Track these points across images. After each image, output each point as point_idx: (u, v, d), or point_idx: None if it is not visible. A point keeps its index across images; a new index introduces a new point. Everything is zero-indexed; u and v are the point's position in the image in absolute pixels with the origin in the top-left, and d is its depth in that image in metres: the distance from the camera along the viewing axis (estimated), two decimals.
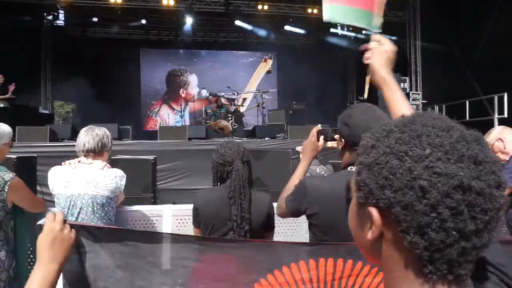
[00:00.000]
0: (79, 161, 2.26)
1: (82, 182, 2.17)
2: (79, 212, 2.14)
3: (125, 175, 2.30)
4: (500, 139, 2.66)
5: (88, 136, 2.25)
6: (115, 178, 2.23)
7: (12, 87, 7.62)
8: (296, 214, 1.58)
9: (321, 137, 1.69)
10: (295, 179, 1.66)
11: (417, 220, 0.49)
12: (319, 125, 1.72)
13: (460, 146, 0.51)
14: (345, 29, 13.60)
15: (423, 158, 0.50)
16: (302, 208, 1.52)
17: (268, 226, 2.01)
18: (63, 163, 2.28)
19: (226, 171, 1.96)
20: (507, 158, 2.67)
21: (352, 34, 13.66)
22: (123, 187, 2.29)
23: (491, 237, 0.51)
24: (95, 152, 2.25)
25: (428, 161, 0.50)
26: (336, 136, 1.60)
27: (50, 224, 1.05)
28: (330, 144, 1.66)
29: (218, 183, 2.02)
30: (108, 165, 2.29)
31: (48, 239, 1.03)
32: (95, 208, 2.15)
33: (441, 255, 0.50)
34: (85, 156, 2.25)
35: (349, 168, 1.53)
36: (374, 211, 0.54)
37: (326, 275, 1.25)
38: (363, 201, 0.56)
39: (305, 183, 1.54)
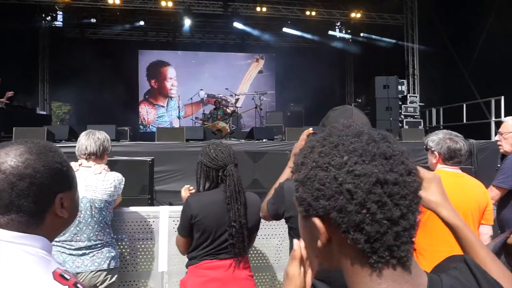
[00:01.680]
0: (79, 164, 2.27)
1: (81, 186, 2.18)
2: (77, 216, 2.15)
3: (123, 179, 2.32)
4: None
5: (89, 139, 2.27)
6: (114, 182, 2.24)
7: (10, 94, 7.60)
8: (276, 217, 1.56)
9: None
10: (280, 182, 1.62)
11: (352, 219, 0.56)
12: (311, 128, 1.67)
13: (371, 147, 0.59)
14: (343, 31, 13.65)
15: (343, 165, 0.57)
16: (280, 212, 1.50)
17: (258, 227, 2.02)
18: None
19: (219, 175, 1.89)
20: (508, 153, 2.66)
21: (350, 36, 13.71)
22: (121, 190, 2.31)
23: (415, 217, 0.59)
24: (96, 155, 2.28)
25: (347, 166, 0.57)
26: None
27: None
28: None
29: (206, 188, 1.93)
30: (107, 168, 2.29)
31: None
32: (93, 212, 2.17)
33: (381, 244, 0.56)
34: (86, 159, 2.27)
35: None
36: (317, 221, 0.59)
37: None
38: (306, 214, 0.62)
39: (283, 186, 1.52)
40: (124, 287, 2.63)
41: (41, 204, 0.85)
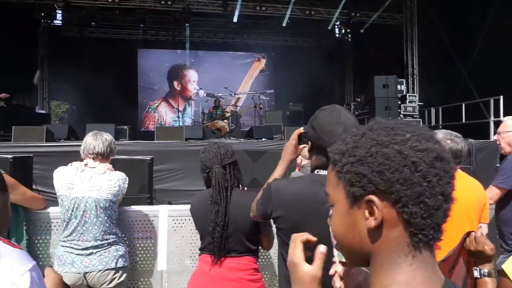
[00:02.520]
0: (85, 164, 2.29)
1: (86, 185, 2.20)
2: (82, 215, 2.17)
3: (127, 178, 2.34)
4: None
5: (97, 140, 2.31)
6: (118, 181, 2.26)
7: (5, 96, 7.60)
8: (264, 217, 1.55)
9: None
10: (269, 182, 1.60)
11: (414, 190, 0.60)
12: (301, 128, 1.64)
13: (424, 130, 0.65)
14: (343, 30, 13.66)
15: (405, 141, 0.62)
16: (268, 211, 1.49)
17: (262, 227, 1.94)
18: (69, 164, 2.30)
19: (208, 176, 1.97)
20: (507, 152, 2.67)
21: (350, 35, 13.72)
22: (125, 190, 2.33)
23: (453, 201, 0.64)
24: (103, 156, 2.31)
25: (410, 142, 0.62)
26: None
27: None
28: (301, 146, 1.62)
29: (206, 187, 2.04)
30: (111, 168, 2.32)
31: None
32: (98, 212, 2.18)
33: (431, 220, 0.61)
34: (93, 159, 2.29)
35: (315, 171, 1.47)
36: (374, 198, 0.62)
37: None
38: (361, 193, 0.63)
39: (270, 186, 1.51)
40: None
41: None
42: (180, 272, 2.62)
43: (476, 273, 1.24)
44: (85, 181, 2.21)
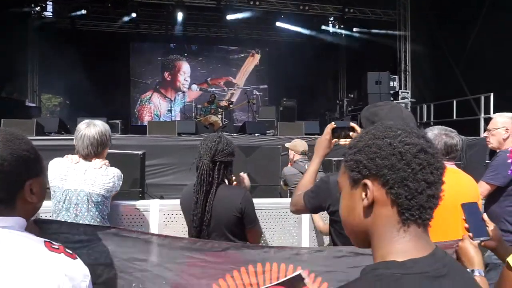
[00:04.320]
0: (79, 157, 2.24)
1: (80, 178, 2.16)
2: (73, 208, 2.13)
3: (122, 175, 2.29)
4: (507, 129, 2.64)
5: (84, 142, 2.20)
6: (113, 178, 2.21)
7: None
8: (315, 210, 1.63)
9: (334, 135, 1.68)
10: (308, 176, 1.68)
11: (399, 175, 0.72)
12: (333, 123, 1.69)
13: (416, 130, 0.78)
14: (337, 26, 13.65)
15: (396, 136, 0.75)
16: (324, 205, 1.54)
17: (247, 222, 1.95)
18: (65, 156, 2.25)
19: (197, 165, 1.98)
20: (496, 149, 2.70)
21: (344, 31, 13.72)
22: (119, 187, 2.28)
23: (440, 191, 0.76)
24: (94, 155, 2.23)
25: (400, 137, 0.75)
26: (353, 134, 1.58)
27: None
28: (342, 142, 1.64)
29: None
30: (107, 163, 2.26)
31: None
32: (89, 206, 2.14)
33: (415, 202, 0.72)
34: (84, 159, 2.23)
35: None
36: (367, 181, 0.75)
37: (272, 280, 1.30)
38: (358, 177, 0.77)
39: (328, 180, 1.55)
40: None
41: (11, 191, 0.88)
42: None
43: None
44: (79, 173, 2.16)
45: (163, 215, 2.63)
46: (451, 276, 0.73)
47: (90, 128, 2.23)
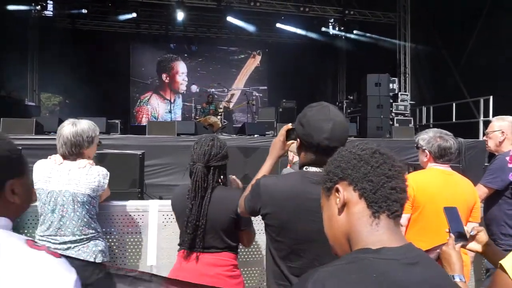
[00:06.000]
0: (63, 157, 2.20)
1: (64, 179, 2.12)
2: (59, 209, 2.10)
3: (108, 173, 2.24)
4: (503, 132, 2.64)
5: (60, 141, 2.17)
6: (98, 177, 2.17)
7: None
8: (253, 213, 1.55)
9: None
10: (257, 178, 1.59)
11: (361, 172, 0.85)
12: (290, 124, 1.64)
13: (371, 143, 0.92)
14: (337, 28, 13.67)
15: (354, 146, 0.91)
16: (256, 208, 1.49)
17: (243, 224, 1.92)
18: (49, 157, 2.22)
19: (191, 169, 1.93)
20: (494, 152, 2.70)
21: (343, 33, 13.74)
22: (106, 185, 2.23)
23: (405, 186, 0.85)
24: (71, 155, 2.18)
25: (358, 146, 0.90)
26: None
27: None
28: (289, 142, 1.61)
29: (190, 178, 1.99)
30: (91, 162, 2.23)
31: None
32: (75, 206, 2.11)
33: (380, 194, 0.83)
34: (64, 159, 2.19)
35: (304, 168, 1.47)
36: (339, 186, 0.87)
37: None
38: (330, 186, 0.89)
39: (259, 183, 1.50)
40: None
41: None
42: (170, 267, 2.60)
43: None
44: (63, 174, 2.13)
45: (162, 215, 2.63)
46: (422, 264, 0.79)
47: (68, 127, 2.17)
